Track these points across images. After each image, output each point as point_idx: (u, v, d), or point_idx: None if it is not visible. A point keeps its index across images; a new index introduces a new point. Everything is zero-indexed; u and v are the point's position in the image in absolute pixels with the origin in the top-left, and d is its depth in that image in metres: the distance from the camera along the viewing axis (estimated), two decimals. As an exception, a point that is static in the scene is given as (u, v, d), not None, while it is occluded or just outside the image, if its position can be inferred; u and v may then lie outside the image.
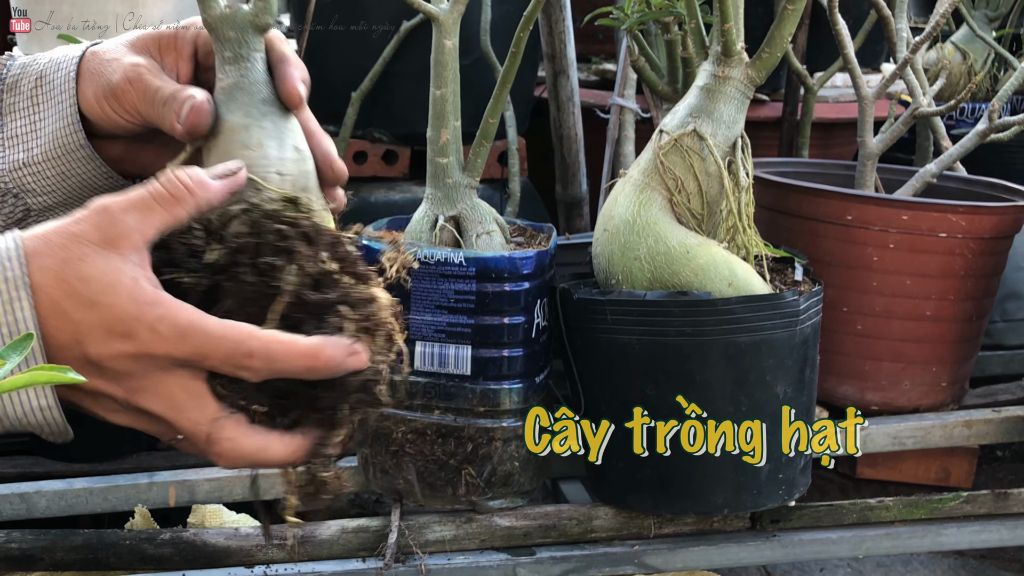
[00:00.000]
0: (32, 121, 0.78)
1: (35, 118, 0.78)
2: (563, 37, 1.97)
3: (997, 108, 1.53)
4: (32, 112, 0.78)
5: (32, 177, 0.78)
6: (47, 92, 0.78)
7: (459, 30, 1.24)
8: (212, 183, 0.67)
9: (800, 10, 1.18)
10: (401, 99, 1.93)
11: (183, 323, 0.63)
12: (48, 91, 0.78)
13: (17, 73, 0.80)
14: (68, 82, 0.77)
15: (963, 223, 1.43)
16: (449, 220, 1.27)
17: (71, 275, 0.62)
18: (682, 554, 1.29)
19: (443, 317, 1.22)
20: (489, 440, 1.25)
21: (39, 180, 0.78)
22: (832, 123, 2.37)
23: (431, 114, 1.25)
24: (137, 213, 0.64)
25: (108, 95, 0.75)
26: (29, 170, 0.78)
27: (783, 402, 1.22)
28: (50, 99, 0.77)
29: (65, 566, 1.25)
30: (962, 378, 1.57)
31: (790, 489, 1.26)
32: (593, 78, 2.54)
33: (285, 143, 0.72)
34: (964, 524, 1.38)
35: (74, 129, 0.76)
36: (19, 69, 0.80)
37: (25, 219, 0.80)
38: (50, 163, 0.77)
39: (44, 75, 0.78)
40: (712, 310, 1.17)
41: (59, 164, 0.77)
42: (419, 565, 1.24)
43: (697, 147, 1.21)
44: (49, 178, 0.78)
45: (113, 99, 0.75)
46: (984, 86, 2.35)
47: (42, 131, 0.77)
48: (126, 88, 0.75)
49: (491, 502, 1.29)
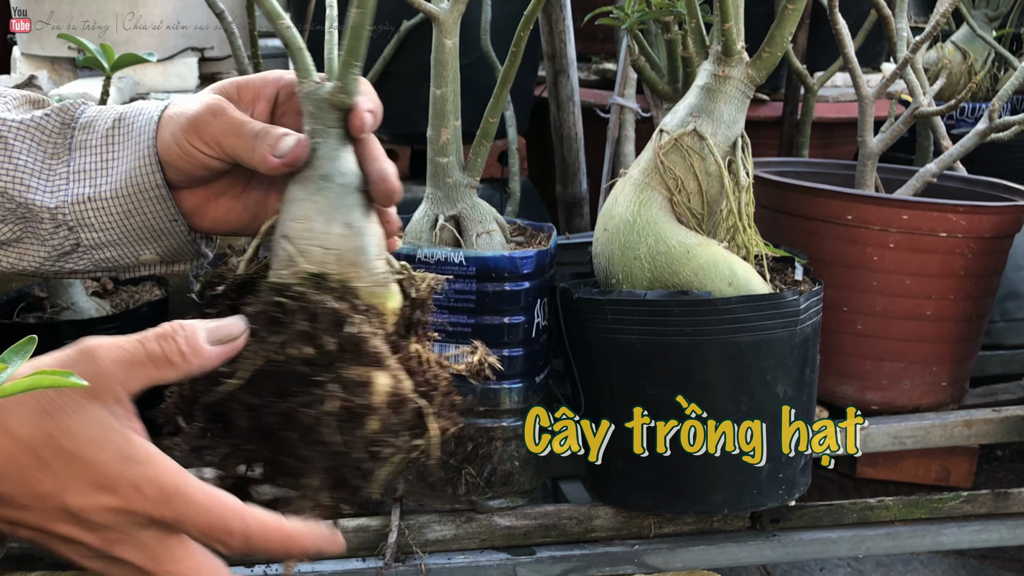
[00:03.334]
0: (104, 159, 0.78)
1: (108, 156, 0.78)
2: (563, 36, 1.97)
3: (997, 108, 1.53)
4: (106, 150, 0.78)
5: (94, 212, 0.78)
6: (125, 133, 0.78)
7: (459, 30, 1.24)
8: (207, 351, 0.66)
9: (800, 9, 1.18)
10: (401, 99, 1.92)
11: (168, 487, 0.62)
12: (126, 132, 0.78)
13: (93, 115, 0.80)
14: (149, 125, 0.78)
15: (963, 223, 1.43)
16: (449, 220, 1.27)
17: (55, 429, 0.61)
18: (682, 554, 1.29)
19: (443, 316, 1.22)
20: (489, 440, 1.25)
21: (101, 216, 0.78)
22: (832, 123, 2.37)
23: (431, 114, 1.25)
24: (126, 367, 0.64)
25: (188, 127, 0.76)
26: (93, 204, 0.78)
27: (783, 402, 1.22)
28: (127, 139, 0.78)
29: (65, 565, 1.25)
30: (962, 378, 1.57)
31: (790, 489, 1.26)
32: (593, 78, 2.54)
33: (335, 219, 0.71)
34: (964, 524, 1.38)
35: (151, 169, 0.77)
36: (95, 112, 0.81)
37: (72, 252, 0.80)
38: (118, 200, 0.78)
39: (124, 118, 0.79)
40: (712, 310, 1.17)
41: (127, 202, 0.78)
42: (419, 565, 1.24)
43: (697, 147, 1.21)
44: (113, 215, 0.78)
45: (193, 131, 0.75)
46: (984, 86, 2.35)
47: (114, 169, 0.78)
48: (207, 119, 0.75)
49: (491, 502, 1.29)
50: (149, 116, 0.78)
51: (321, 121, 0.73)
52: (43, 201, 0.77)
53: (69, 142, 0.79)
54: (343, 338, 0.67)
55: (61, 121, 0.80)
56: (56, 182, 0.78)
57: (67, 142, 0.79)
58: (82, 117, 0.81)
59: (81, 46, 1.41)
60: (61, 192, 0.78)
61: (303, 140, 0.73)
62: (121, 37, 1.74)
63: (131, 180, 0.77)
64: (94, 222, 0.78)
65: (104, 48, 1.41)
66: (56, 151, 0.79)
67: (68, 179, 0.78)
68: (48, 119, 0.80)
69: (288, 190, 0.73)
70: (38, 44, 1.81)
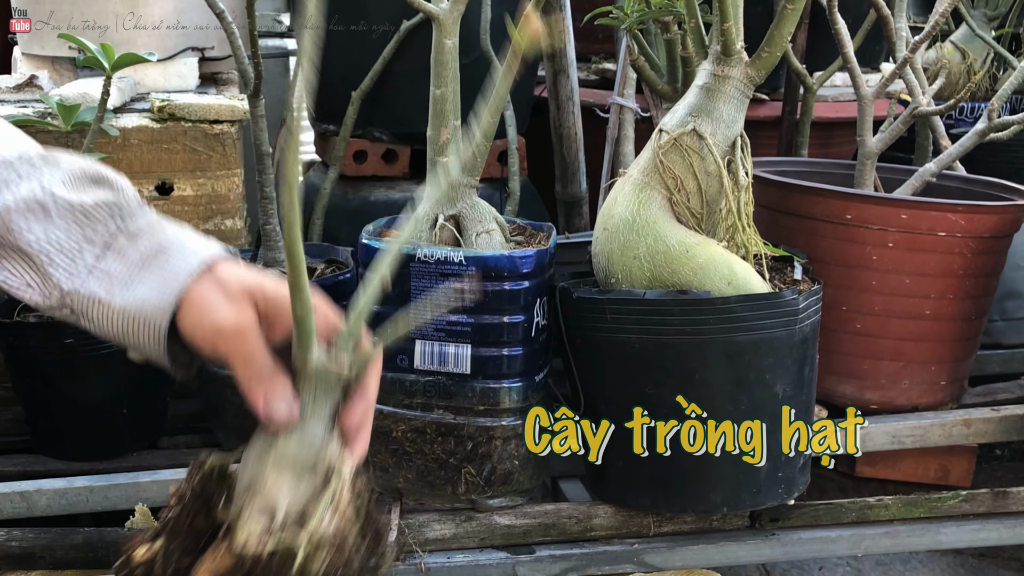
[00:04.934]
0: (131, 274, 0.80)
1: (135, 275, 0.80)
2: (563, 36, 1.97)
3: (996, 107, 1.53)
4: (136, 269, 0.80)
5: (99, 313, 0.80)
6: (160, 267, 0.80)
7: (459, 29, 1.24)
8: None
9: (799, 9, 1.18)
10: (401, 98, 1.93)
11: None
12: (161, 267, 0.80)
13: (142, 227, 0.82)
14: (185, 275, 0.79)
15: (962, 222, 1.43)
16: (449, 219, 1.27)
17: None
18: (681, 552, 1.30)
19: (443, 316, 1.22)
20: (489, 439, 1.25)
21: (102, 318, 0.80)
22: (831, 122, 2.37)
23: (431, 113, 1.25)
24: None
25: (207, 334, 0.78)
26: (100, 307, 0.80)
27: (782, 401, 1.22)
28: (159, 275, 0.80)
29: (65, 564, 1.25)
30: (961, 377, 1.57)
31: (789, 488, 1.26)
32: (593, 77, 2.54)
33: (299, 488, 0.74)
34: (963, 523, 1.38)
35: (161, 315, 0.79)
36: (145, 224, 0.82)
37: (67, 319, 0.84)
38: (123, 316, 0.80)
39: (167, 251, 0.81)
40: (711, 309, 1.17)
41: (129, 323, 0.80)
42: (419, 563, 1.24)
43: (697, 146, 1.21)
44: (114, 324, 0.80)
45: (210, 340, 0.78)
46: (983, 85, 2.35)
47: (133, 290, 0.80)
48: (227, 338, 0.78)
49: (491, 500, 1.29)
50: (190, 268, 0.80)
51: (313, 395, 0.76)
52: (58, 279, 0.80)
53: (107, 240, 0.81)
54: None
55: (110, 213, 0.82)
56: (79, 267, 0.80)
57: (105, 240, 0.81)
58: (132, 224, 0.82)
59: (81, 46, 1.42)
60: (79, 280, 0.80)
61: (292, 412, 0.76)
62: (121, 37, 1.74)
63: (141, 310, 0.79)
64: (95, 319, 0.81)
65: (104, 48, 1.41)
66: (92, 238, 0.81)
67: (91, 271, 0.80)
68: (98, 210, 0.82)
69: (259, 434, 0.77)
70: (38, 44, 1.81)
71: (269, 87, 1.74)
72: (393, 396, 1.27)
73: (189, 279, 0.79)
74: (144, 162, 1.65)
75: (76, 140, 1.57)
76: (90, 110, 1.48)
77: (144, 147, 1.64)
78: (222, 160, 1.67)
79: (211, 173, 1.67)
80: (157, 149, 1.65)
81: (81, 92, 1.60)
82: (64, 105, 1.50)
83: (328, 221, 1.93)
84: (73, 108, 1.49)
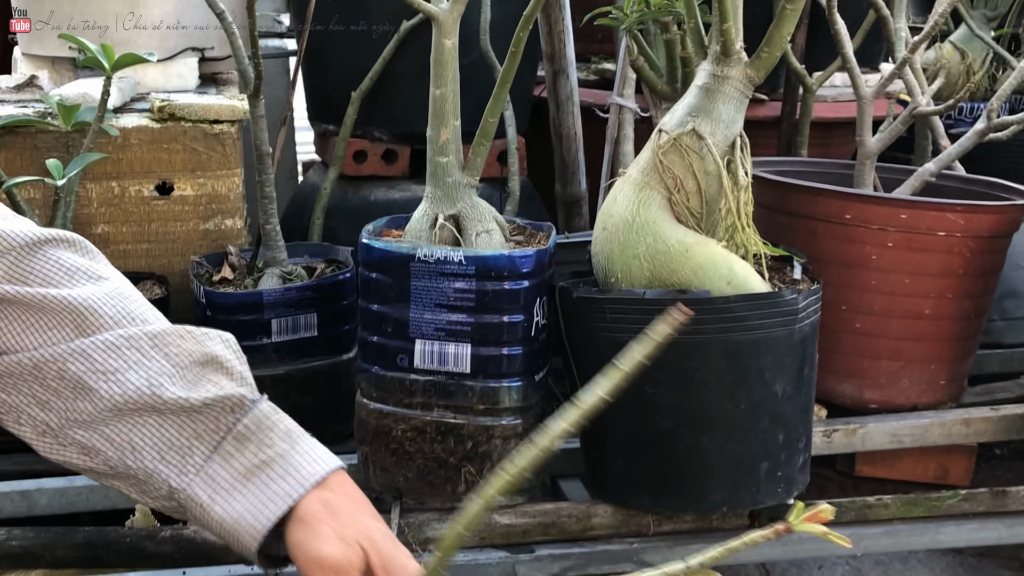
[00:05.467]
0: (234, 484, 0.81)
1: (239, 486, 0.81)
2: (562, 37, 1.97)
3: (995, 107, 1.54)
4: (241, 481, 0.81)
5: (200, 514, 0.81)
6: (263, 483, 0.81)
7: (459, 30, 1.24)
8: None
9: (799, 9, 1.18)
10: (401, 98, 1.93)
11: None
12: (265, 484, 0.80)
13: (252, 427, 0.82)
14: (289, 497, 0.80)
15: (962, 222, 1.43)
16: (449, 219, 1.27)
17: None
18: (681, 552, 1.30)
19: (443, 315, 1.22)
20: (489, 438, 1.25)
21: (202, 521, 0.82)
22: (831, 122, 2.37)
23: (431, 113, 1.25)
24: None
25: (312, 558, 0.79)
26: (201, 510, 0.81)
27: (782, 400, 1.22)
28: (260, 492, 0.80)
29: (66, 564, 1.25)
30: (960, 376, 1.57)
31: (789, 487, 1.26)
32: (592, 77, 2.54)
33: None
34: (962, 522, 1.39)
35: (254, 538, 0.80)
36: (255, 423, 0.82)
37: None
38: (219, 525, 0.81)
39: (271, 465, 0.81)
40: (711, 308, 1.17)
41: (225, 533, 0.81)
42: (419, 563, 1.24)
43: (696, 146, 1.21)
44: (211, 529, 0.81)
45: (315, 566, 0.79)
46: (982, 85, 2.35)
47: (235, 501, 0.80)
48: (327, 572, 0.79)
49: (491, 500, 1.29)
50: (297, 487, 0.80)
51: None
52: (166, 475, 0.81)
53: (218, 440, 0.81)
54: None
55: (223, 408, 0.82)
56: (187, 467, 0.81)
57: (216, 439, 0.81)
58: (241, 421, 0.82)
59: (82, 46, 1.42)
60: (186, 479, 0.81)
61: None
62: (121, 37, 1.73)
63: (237, 526, 0.80)
64: (195, 515, 0.82)
65: (104, 48, 1.41)
66: (201, 436, 0.81)
67: (198, 472, 0.81)
68: (210, 409, 0.81)
69: None
70: (39, 44, 1.81)
71: (269, 87, 1.74)
72: (393, 395, 1.27)
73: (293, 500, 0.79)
74: (144, 162, 1.65)
75: (76, 140, 1.57)
76: (90, 110, 1.48)
77: (144, 147, 1.64)
78: (222, 160, 1.67)
79: (211, 173, 1.67)
80: (157, 149, 1.65)
81: (81, 92, 1.61)
82: (64, 105, 1.50)
83: (328, 221, 1.94)
84: (73, 108, 1.50)
